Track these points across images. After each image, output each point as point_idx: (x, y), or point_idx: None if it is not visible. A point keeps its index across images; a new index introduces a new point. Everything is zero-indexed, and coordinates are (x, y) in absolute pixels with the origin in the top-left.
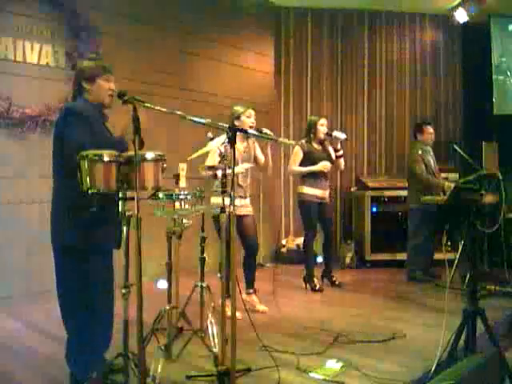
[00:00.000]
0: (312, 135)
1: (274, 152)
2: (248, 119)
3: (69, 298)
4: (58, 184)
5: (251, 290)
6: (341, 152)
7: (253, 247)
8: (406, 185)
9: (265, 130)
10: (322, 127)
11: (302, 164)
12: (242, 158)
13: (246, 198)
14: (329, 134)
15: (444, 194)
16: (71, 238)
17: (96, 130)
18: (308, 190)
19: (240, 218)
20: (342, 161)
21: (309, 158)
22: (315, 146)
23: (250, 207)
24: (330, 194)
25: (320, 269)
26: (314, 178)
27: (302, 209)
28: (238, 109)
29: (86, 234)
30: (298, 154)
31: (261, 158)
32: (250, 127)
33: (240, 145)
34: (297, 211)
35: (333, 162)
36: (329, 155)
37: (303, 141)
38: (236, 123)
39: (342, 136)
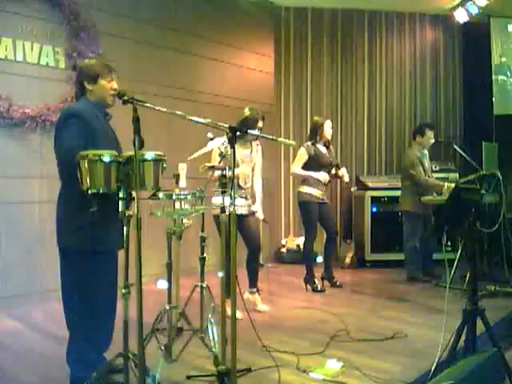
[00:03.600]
0: (318, 137)
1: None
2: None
3: (72, 299)
4: (61, 186)
5: (254, 289)
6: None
7: (253, 246)
8: (400, 186)
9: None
10: (329, 129)
11: (307, 166)
12: (241, 161)
13: (247, 199)
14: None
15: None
16: (73, 240)
17: (95, 127)
18: (308, 190)
19: (241, 217)
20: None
21: (315, 161)
22: (320, 148)
23: (252, 207)
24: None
25: (320, 269)
26: (314, 179)
27: (302, 209)
28: (251, 117)
29: (88, 236)
30: (302, 155)
31: (258, 166)
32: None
33: (241, 149)
34: (297, 211)
35: (336, 165)
36: (333, 158)
37: (309, 143)
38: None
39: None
